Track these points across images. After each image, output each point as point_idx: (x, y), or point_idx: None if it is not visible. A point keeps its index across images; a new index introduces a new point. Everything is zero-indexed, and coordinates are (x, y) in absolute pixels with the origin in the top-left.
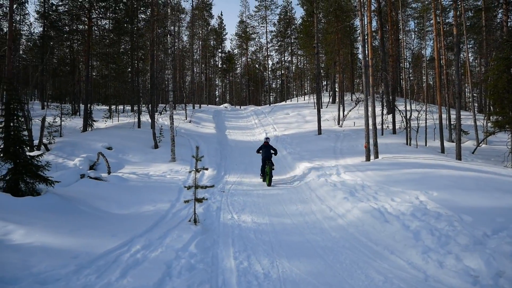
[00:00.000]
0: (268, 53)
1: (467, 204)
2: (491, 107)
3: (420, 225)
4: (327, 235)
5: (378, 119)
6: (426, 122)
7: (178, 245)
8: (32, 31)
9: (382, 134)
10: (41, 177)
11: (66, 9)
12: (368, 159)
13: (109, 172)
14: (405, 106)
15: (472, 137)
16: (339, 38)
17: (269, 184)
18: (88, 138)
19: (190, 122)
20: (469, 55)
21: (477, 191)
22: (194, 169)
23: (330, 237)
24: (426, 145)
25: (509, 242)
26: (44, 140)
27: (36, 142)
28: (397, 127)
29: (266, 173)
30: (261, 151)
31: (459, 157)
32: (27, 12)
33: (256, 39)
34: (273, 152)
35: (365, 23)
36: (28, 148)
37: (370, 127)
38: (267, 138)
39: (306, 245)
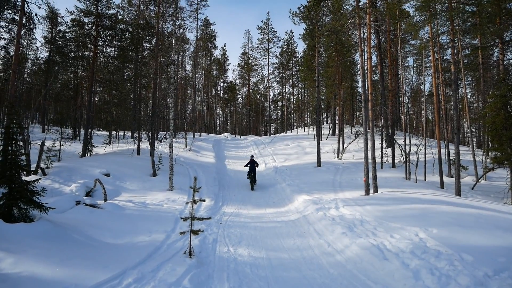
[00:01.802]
0: (270, 84)
1: (468, 243)
2: (490, 143)
3: (420, 264)
4: (325, 272)
5: (378, 153)
6: (425, 157)
7: (171, 279)
8: (38, 56)
9: (382, 168)
10: (35, 203)
11: (73, 36)
12: (367, 193)
13: (105, 200)
14: (404, 140)
15: (471, 172)
16: (339, 72)
17: (252, 189)
18: (86, 164)
19: (189, 150)
20: (467, 91)
21: (478, 229)
22: (191, 200)
23: (328, 274)
24: (425, 180)
25: (511, 284)
26: (42, 165)
27: (33, 166)
28: (396, 161)
29: (251, 182)
30: (248, 165)
31: (458, 192)
32: (34, 37)
33: (258, 71)
34: (256, 165)
35: (365, 58)
36: (25, 172)
37: (370, 160)
38: (252, 156)
39: (303, 281)
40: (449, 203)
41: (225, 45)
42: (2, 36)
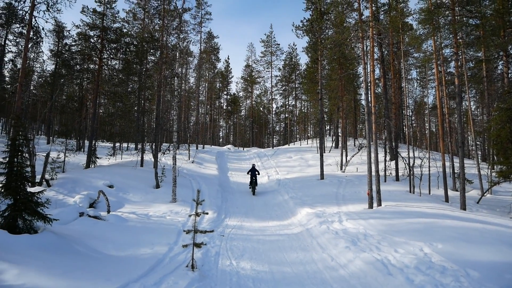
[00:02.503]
0: (273, 97)
1: (473, 258)
2: (495, 157)
3: (425, 280)
4: (328, 287)
5: (381, 166)
6: (429, 170)
7: None
8: (45, 68)
9: (385, 181)
10: (39, 214)
11: (78, 49)
12: (371, 206)
13: (108, 211)
14: (408, 153)
15: (477, 186)
16: (342, 85)
17: (253, 194)
18: (90, 175)
19: (193, 162)
20: (471, 104)
21: (483, 244)
22: (195, 213)
23: None
24: (429, 193)
25: None
26: (47, 176)
27: (38, 177)
28: (400, 174)
29: (252, 187)
30: (249, 173)
31: (463, 206)
32: (41, 50)
33: (261, 83)
34: (257, 173)
35: (368, 71)
36: (30, 184)
37: (373, 173)
38: (253, 165)
39: None
40: (454, 218)
41: (228, 58)
42: (10, 50)
